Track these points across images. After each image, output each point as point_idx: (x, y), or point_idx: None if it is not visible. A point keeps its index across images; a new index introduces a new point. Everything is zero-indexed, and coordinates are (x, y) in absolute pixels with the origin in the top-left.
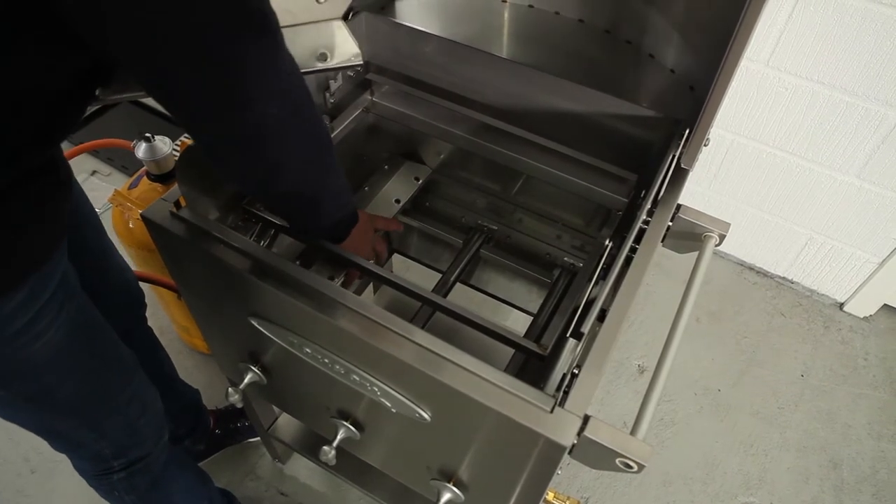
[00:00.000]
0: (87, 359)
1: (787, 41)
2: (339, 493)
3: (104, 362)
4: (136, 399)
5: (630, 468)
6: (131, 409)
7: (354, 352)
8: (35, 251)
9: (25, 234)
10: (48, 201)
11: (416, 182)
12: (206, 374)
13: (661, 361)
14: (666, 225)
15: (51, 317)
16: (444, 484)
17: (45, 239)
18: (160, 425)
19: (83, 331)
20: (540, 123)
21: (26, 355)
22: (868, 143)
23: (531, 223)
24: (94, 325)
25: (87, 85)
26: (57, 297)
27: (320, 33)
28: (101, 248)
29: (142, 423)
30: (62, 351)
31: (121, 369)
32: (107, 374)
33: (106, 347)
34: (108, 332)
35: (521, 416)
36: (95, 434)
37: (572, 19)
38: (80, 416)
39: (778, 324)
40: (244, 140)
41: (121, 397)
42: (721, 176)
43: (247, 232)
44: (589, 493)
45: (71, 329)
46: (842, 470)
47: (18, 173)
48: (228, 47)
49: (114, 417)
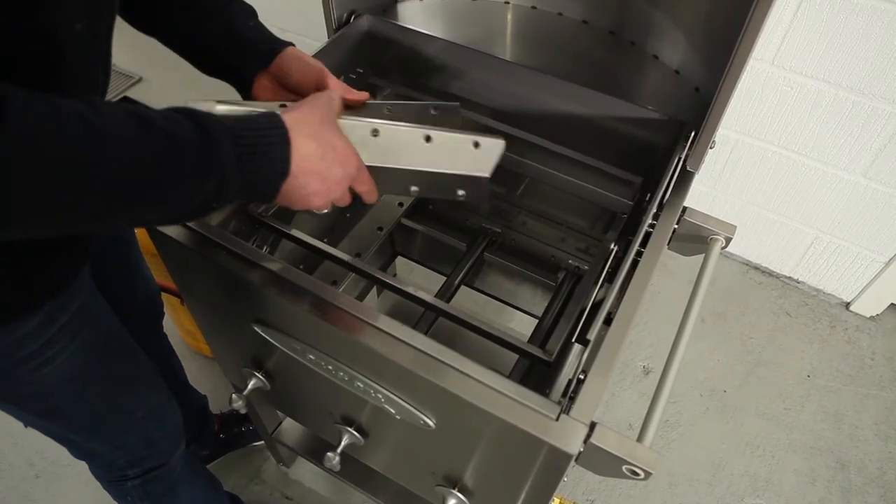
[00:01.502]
0: (101, 382)
1: (793, 39)
2: (343, 497)
3: (120, 384)
4: (153, 414)
5: (637, 475)
6: (148, 424)
7: (358, 358)
8: (53, 277)
9: (43, 259)
10: None
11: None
12: (210, 379)
13: (667, 367)
14: (672, 228)
15: (65, 342)
16: (449, 490)
17: (64, 264)
18: (177, 437)
19: (100, 355)
20: (543, 126)
21: (38, 377)
22: (874, 142)
23: (535, 226)
24: (113, 348)
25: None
26: (73, 324)
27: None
28: (131, 258)
29: (158, 436)
30: (75, 375)
31: (138, 387)
32: (122, 394)
33: (123, 368)
34: (128, 351)
35: (526, 424)
36: (110, 446)
37: (576, 20)
38: (94, 431)
39: (784, 324)
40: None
41: (137, 414)
42: (726, 175)
43: (249, 238)
44: (594, 496)
45: (86, 354)
46: (849, 471)
47: None
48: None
49: (130, 433)
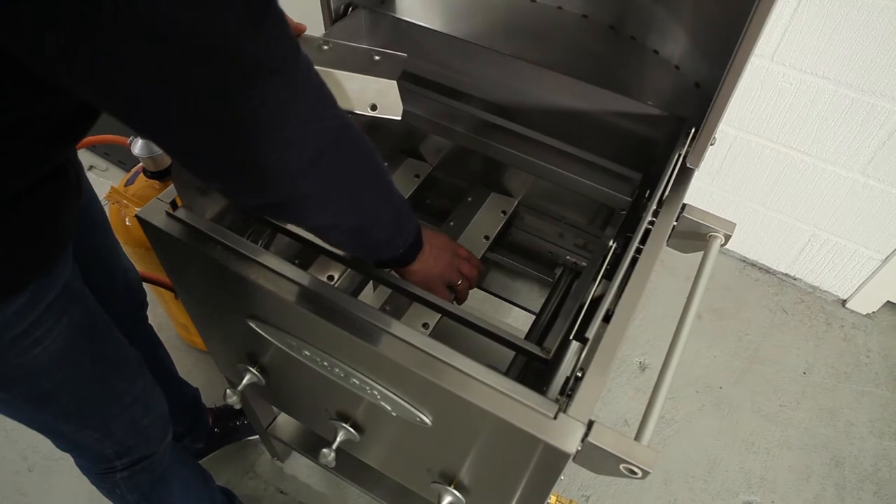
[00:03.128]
0: (90, 363)
1: (793, 36)
2: (338, 492)
3: (108, 366)
4: (140, 401)
5: (635, 474)
6: (135, 411)
7: (354, 355)
8: (39, 256)
9: (29, 238)
10: (54, 206)
11: (416, 179)
12: (204, 372)
13: (665, 365)
14: (671, 225)
15: (51, 322)
16: (446, 487)
17: (49, 244)
18: (164, 425)
19: (86, 336)
20: (542, 121)
21: (26, 360)
22: (873, 140)
23: (533, 221)
24: (99, 329)
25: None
26: (59, 303)
27: (373, 87)
28: (109, 248)
29: (146, 423)
30: (63, 356)
31: (125, 372)
32: (110, 377)
33: (110, 351)
34: (113, 335)
35: (523, 422)
36: (98, 434)
37: (576, 14)
38: (82, 419)
39: (780, 321)
40: (261, 187)
41: (125, 399)
42: (724, 172)
43: (244, 232)
44: (590, 492)
45: (73, 334)
46: (844, 468)
47: (27, 182)
48: (245, 103)
49: (118, 419)
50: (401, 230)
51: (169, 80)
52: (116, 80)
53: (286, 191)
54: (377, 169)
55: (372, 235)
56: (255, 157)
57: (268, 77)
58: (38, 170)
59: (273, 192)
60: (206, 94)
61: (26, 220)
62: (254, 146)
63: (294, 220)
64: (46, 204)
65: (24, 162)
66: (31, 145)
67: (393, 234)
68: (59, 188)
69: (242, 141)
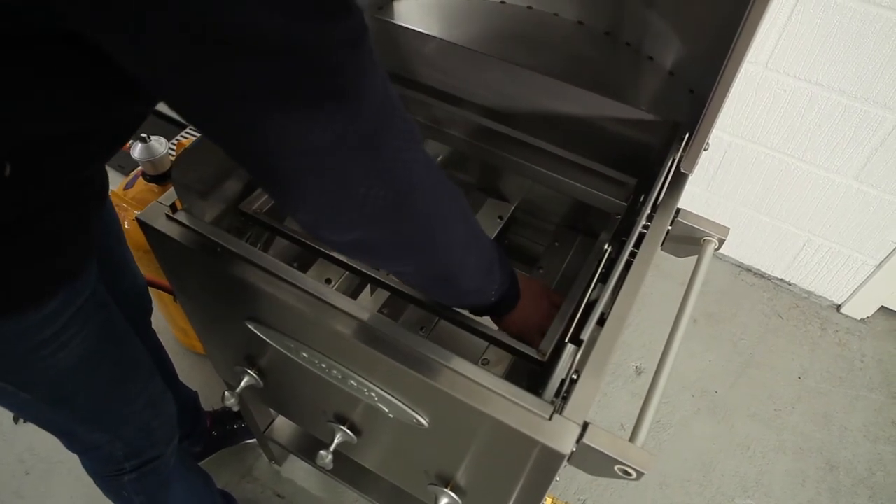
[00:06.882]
0: (110, 366)
1: (786, 43)
2: (335, 495)
3: (125, 369)
4: (151, 402)
5: (629, 475)
6: (147, 413)
7: (352, 357)
8: (70, 262)
9: (61, 245)
10: (84, 213)
11: None
12: (202, 375)
13: (659, 368)
14: (665, 229)
15: (78, 326)
16: (442, 489)
17: (79, 250)
18: (173, 427)
19: (108, 339)
20: (538, 126)
21: (51, 363)
22: (866, 146)
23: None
24: (118, 333)
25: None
26: (86, 308)
27: None
28: (121, 255)
29: (156, 425)
30: (86, 359)
31: (140, 374)
32: (127, 379)
33: (128, 354)
34: (131, 338)
35: (519, 423)
36: (110, 436)
37: (572, 21)
38: (97, 420)
39: (775, 325)
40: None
41: (138, 401)
42: (719, 177)
43: (243, 235)
44: (586, 496)
45: (96, 339)
46: (838, 472)
47: (62, 191)
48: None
49: (130, 421)
50: (492, 279)
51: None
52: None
53: (367, 230)
54: (465, 213)
55: (459, 284)
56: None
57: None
58: (76, 180)
59: (359, 230)
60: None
61: (59, 227)
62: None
63: (373, 262)
64: (77, 212)
65: (65, 172)
66: (75, 159)
67: (483, 284)
68: (87, 194)
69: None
